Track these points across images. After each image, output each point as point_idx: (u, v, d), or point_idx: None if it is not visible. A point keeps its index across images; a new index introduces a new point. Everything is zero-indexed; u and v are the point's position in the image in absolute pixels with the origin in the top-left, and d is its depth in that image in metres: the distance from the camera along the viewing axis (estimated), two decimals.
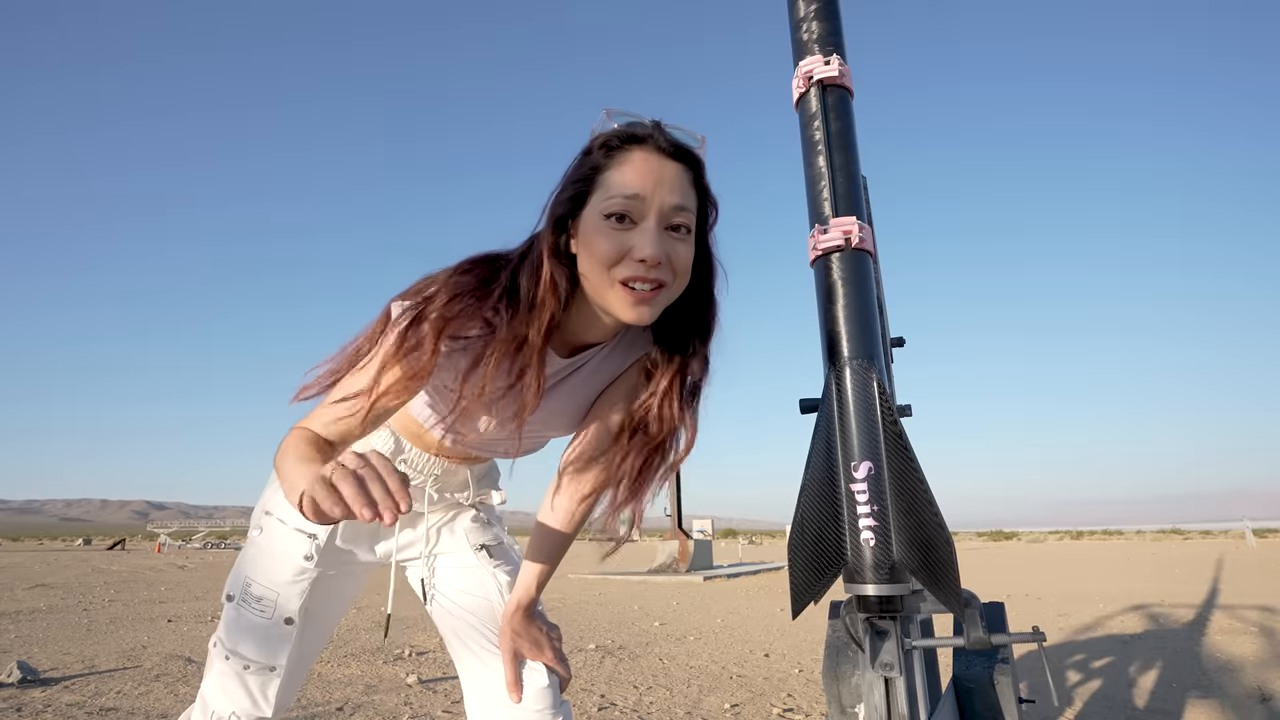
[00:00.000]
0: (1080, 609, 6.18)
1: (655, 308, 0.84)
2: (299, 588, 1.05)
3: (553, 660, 1.04)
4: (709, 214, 0.90)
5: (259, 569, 1.06)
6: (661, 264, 0.81)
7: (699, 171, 0.88)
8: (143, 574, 11.59)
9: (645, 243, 0.80)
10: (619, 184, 0.82)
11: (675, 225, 0.83)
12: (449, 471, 1.12)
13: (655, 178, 0.82)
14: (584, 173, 0.86)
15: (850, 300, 0.82)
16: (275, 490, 1.10)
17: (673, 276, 0.84)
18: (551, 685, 1.03)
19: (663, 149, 0.84)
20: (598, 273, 0.83)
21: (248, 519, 1.17)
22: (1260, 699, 2.93)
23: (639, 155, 0.84)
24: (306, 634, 1.08)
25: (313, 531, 1.06)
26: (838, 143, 0.88)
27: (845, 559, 0.75)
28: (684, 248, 0.84)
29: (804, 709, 2.90)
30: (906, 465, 0.74)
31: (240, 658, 1.04)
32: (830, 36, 0.93)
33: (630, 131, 0.85)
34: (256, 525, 1.09)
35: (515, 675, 1.01)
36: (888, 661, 0.77)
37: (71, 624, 5.45)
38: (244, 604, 1.05)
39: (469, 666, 1.08)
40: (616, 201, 0.81)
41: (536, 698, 1.01)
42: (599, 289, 0.84)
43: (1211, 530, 42.50)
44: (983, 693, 1.04)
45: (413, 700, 3.02)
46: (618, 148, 0.85)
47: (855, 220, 0.84)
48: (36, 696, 3.08)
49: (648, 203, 0.81)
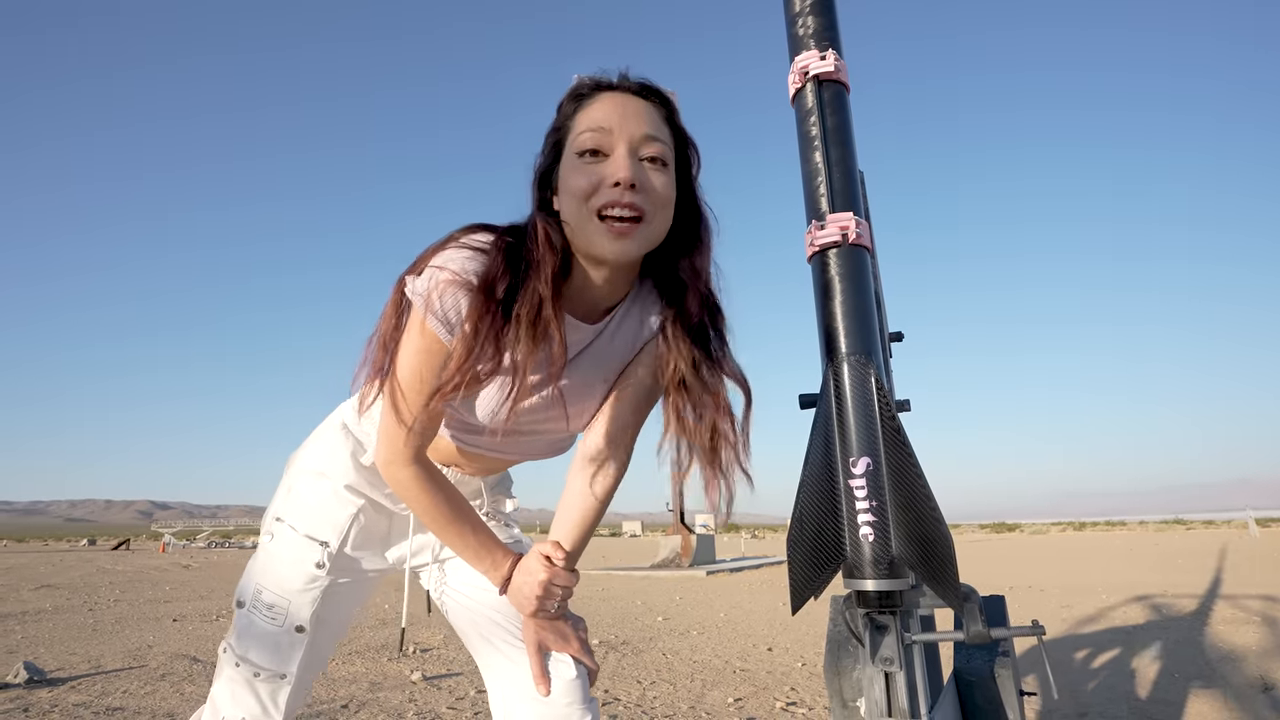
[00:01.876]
0: (1083, 600, 6.19)
1: (636, 241, 0.83)
2: (310, 595, 1.04)
3: (579, 651, 1.01)
4: (690, 157, 0.91)
5: (270, 576, 1.05)
6: (638, 190, 0.82)
7: (670, 109, 0.89)
8: (147, 574, 11.64)
9: (616, 166, 0.81)
10: (587, 120, 0.84)
11: (649, 156, 0.84)
12: (461, 483, 1.12)
13: (621, 111, 0.84)
14: (557, 123, 0.89)
15: (848, 296, 0.82)
16: (286, 496, 1.10)
17: (652, 207, 0.83)
18: (580, 677, 1.00)
19: (630, 89, 0.87)
20: (576, 208, 0.83)
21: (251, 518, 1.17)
22: (1263, 689, 2.94)
23: (606, 95, 0.86)
24: (317, 641, 1.06)
25: (325, 539, 1.05)
26: (834, 138, 0.88)
27: (844, 554, 0.75)
28: (661, 178, 0.84)
29: (807, 702, 2.91)
30: (905, 461, 0.74)
31: (251, 664, 1.03)
32: (826, 31, 0.92)
33: (597, 79, 0.89)
34: (268, 531, 1.08)
35: (541, 667, 0.98)
36: (888, 656, 0.77)
37: (77, 624, 5.47)
38: (255, 610, 1.04)
39: (493, 662, 1.05)
40: (586, 136, 0.83)
41: (565, 691, 0.98)
42: (580, 226, 0.84)
43: (1215, 520, 42.54)
44: (984, 686, 1.04)
45: (417, 697, 3.03)
46: (586, 94, 0.87)
47: (852, 216, 0.84)
48: (43, 697, 3.10)
49: (617, 134, 0.83)
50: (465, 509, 0.99)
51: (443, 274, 0.85)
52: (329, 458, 1.09)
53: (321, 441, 1.12)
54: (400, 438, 0.91)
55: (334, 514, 1.06)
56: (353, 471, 1.08)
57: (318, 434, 1.14)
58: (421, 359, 0.87)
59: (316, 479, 1.08)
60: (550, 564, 0.98)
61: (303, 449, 1.14)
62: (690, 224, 0.92)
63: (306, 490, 1.08)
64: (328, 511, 1.06)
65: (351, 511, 1.07)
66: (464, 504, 0.99)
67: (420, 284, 0.85)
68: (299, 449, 1.15)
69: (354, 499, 1.08)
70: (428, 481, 0.94)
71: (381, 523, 1.13)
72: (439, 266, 0.85)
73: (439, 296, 0.84)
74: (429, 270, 0.86)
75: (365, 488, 1.08)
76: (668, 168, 0.86)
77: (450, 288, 0.84)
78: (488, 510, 1.17)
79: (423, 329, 0.86)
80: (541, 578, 0.96)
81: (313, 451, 1.12)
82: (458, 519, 0.96)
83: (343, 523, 1.06)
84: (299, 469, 1.11)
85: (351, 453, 1.09)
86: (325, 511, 1.06)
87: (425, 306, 0.85)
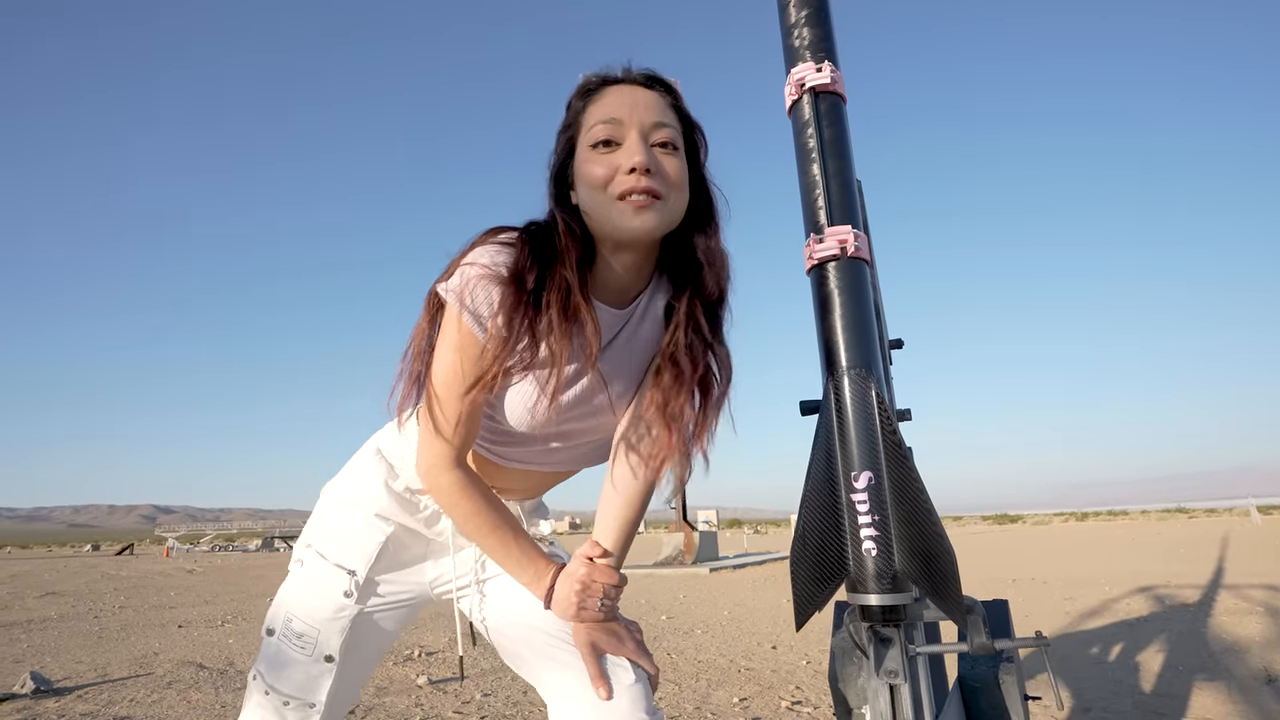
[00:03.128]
0: (1086, 592, 6.20)
1: (658, 214, 0.86)
2: (340, 624, 1.02)
3: (635, 653, 0.95)
4: (697, 140, 0.95)
5: (300, 605, 1.04)
6: (653, 173, 0.86)
7: (676, 97, 0.94)
8: (152, 579, 11.66)
9: (631, 154, 0.85)
10: (597, 114, 0.88)
11: (660, 141, 0.88)
12: None
13: (631, 102, 0.88)
14: (568, 120, 0.93)
15: (847, 309, 0.82)
16: (318, 523, 1.08)
17: (667, 188, 0.87)
18: (640, 682, 0.93)
19: (636, 80, 0.92)
20: (595, 196, 0.87)
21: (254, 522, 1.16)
22: (1266, 680, 2.95)
23: (614, 89, 0.91)
24: (346, 671, 1.04)
25: (353, 568, 1.03)
26: (831, 150, 0.88)
27: (847, 569, 0.76)
28: (673, 161, 0.88)
29: (812, 701, 2.92)
30: (906, 475, 0.74)
31: (280, 694, 1.01)
32: (822, 42, 0.92)
33: (604, 75, 0.93)
34: (298, 559, 1.07)
35: (598, 668, 0.92)
36: (892, 669, 0.77)
37: (83, 632, 5.49)
38: (285, 639, 1.02)
39: (548, 674, 0.98)
40: (598, 129, 0.87)
41: (628, 698, 0.91)
42: (601, 211, 0.87)
43: (1216, 508, 42.58)
44: (988, 692, 1.05)
45: (424, 701, 3.04)
46: (595, 89, 0.91)
47: (850, 229, 0.84)
48: (50, 707, 3.11)
49: (627, 124, 0.87)
50: (507, 516, 0.98)
51: (473, 270, 0.88)
52: (360, 485, 1.07)
53: (354, 469, 1.10)
54: (440, 441, 0.92)
55: (362, 542, 1.04)
56: (384, 498, 1.06)
57: (352, 462, 1.12)
58: (457, 355, 0.89)
59: (347, 508, 1.07)
60: (590, 563, 0.96)
61: (337, 476, 1.12)
62: (702, 205, 0.95)
63: (336, 518, 1.07)
64: (356, 539, 1.04)
65: (380, 539, 1.05)
66: (505, 511, 0.98)
67: (453, 282, 0.89)
68: (334, 477, 1.13)
69: (384, 526, 1.05)
70: (470, 487, 0.94)
71: (416, 549, 1.09)
72: (469, 263, 0.88)
73: (471, 291, 0.87)
74: (460, 269, 0.89)
75: (396, 514, 1.06)
76: (678, 151, 0.89)
77: (482, 281, 0.87)
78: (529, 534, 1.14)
79: (459, 324, 0.88)
80: (581, 574, 0.94)
81: (345, 479, 1.10)
82: (500, 526, 0.95)
83: (371, 551, 1.04)
84: (331, 497, 1.09)
85: (384, 479, 1.06)
86: (354, 539, 1.04)
87: (459, 302, 0.87)
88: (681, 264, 0.96)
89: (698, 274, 0.95)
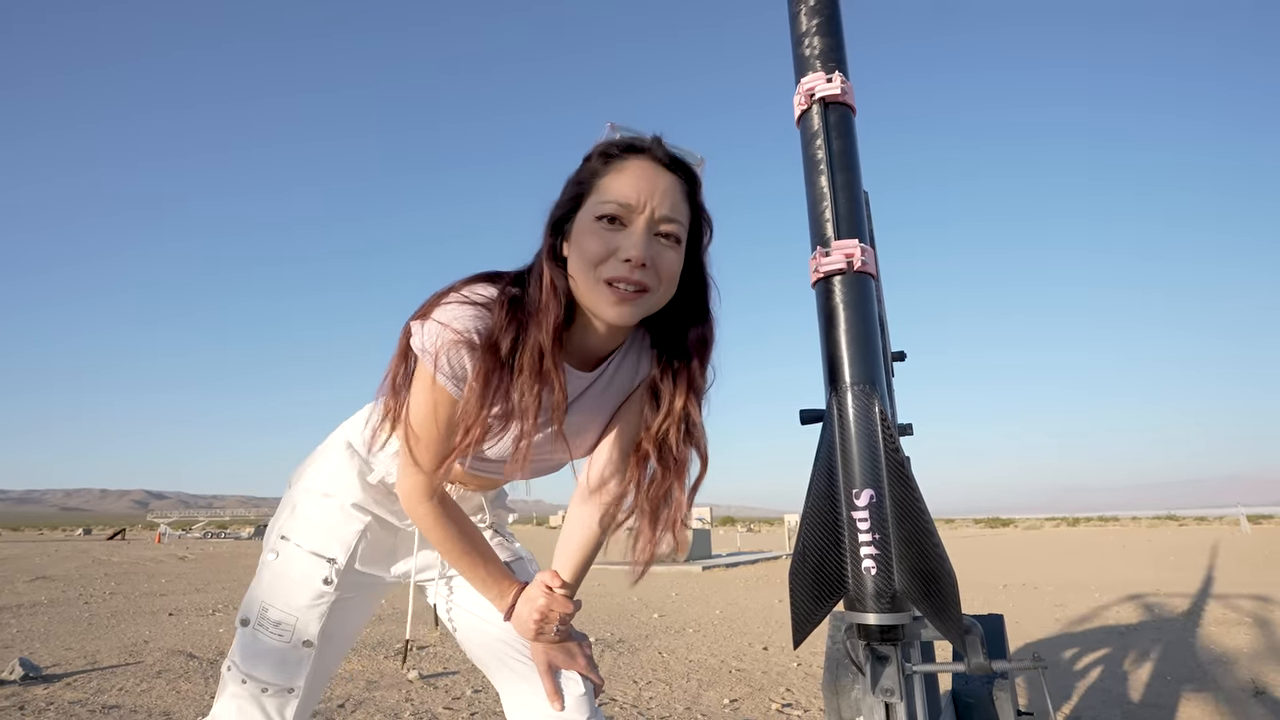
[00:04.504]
0: (1077, 599, 6.23)
1: (636, 309, 0.86)
2: (318, 611, 1.06)
3: (586, 669, 1.06)
4: (703, 230, 0.94)
5: (276, 594, 1.06)
6: (647, 267, 0.85)
7: (694, 186, 0.91)
8: (143, 565, 11.64)
9: (631, 244, 0.84)
10: (613, 189, 0.86)
11: (664, 233, 0.87)
12: (463, 498, 1.15)
13: (649, 186, 0.86)
14: (582, 177, 0.90)
15: (852, 324, 0.82)
16: (291, 514, 1.11)
17: (658, 282, 0.87)
18: (588, 693, 1.05)
19: (660, 160, 0.89)
20: (585, 271, 0.86)
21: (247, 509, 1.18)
22: (1254, 692, 2.96)
23: (635, 164, 0.88)
24: (324, 655, 1.08)
25: (332, 556, 1.07)
26: (840, 162, 0.88)
27: (846, 587, 0.75)
28: (671, 255, 0.87)
29: (802, 704, 2.92)
30: (908, 494, 0.74)
31: (258, 681, 1.05)
32: (832, 52, 0.92)
33: (630, 141, 0.90)
34: (271, 550, 1.09)
35: (554, 685, 1.03)
36: (888, 687, 0.77)
37: (73, 618, 5.47)
38: (260, 628, 1.05)
39: (505, 680, 1.09)
40: (610, 205, 0.85)
41: (575, 706, 1.03)
42: (586, 288, 0.87)
43: (1207, 517, 42.81)
44: (981, 708, 1.05)
45: (414, 696, 3.04)
46: (616, 156, 0.89)
47: (858, 243, 0.83)
48: (39, 694, 3.10)
49: (638, 208, 0.85)
50: (478, 541, 1.04)
51: (447, 333, 0.88)
52: (335, 478, 1.11)
53: (326, 461, 1.13)
54: (418, 474, 0.96)
55: (341, 531, 1.08)
56: (359, 490, 1.10)
57: (321, 454, 1.15)
58: (431, 409, 0.92)
59: (322, 499, 1.10)
60: (550, 592, 1.03)
61: (306, 468, 1.15)
62: (697, 294, 0.95)
63: (312, 509, 1.10)
64: (335, 528, 1.08)
65: (359, 528, 1.09)
66: (477, 536, 1.04)
67: (427, 341, 0.89)
68: (301, 467, 1.16)
69: (361, 516, 1.10)
70: (444, 516, 0.99)
71: (388, 539, 1.15)
72: (443, 324, 0.88)
73: (445, 356, 0.88)
74: (433, 325, 0.89)
75: (372, 505, 1.11)
76: (680, 244, 0.89)
77: (455, 347, 0.88)
78: (491, 523, 1.20)
79: (432, 385, 0.91)
80: (540, 604, 1.01)
81: (317, 471, 1.13)
82: (470, 551, 1.02)
83: (350, 539, 1.08)
84: (304, 488, 1.12)
85: (358, 472, 1.10)
86: (333, 528, 1.08)
87: (433, 365, 0.89)
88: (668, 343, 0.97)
89: (688, 364, 0.96)
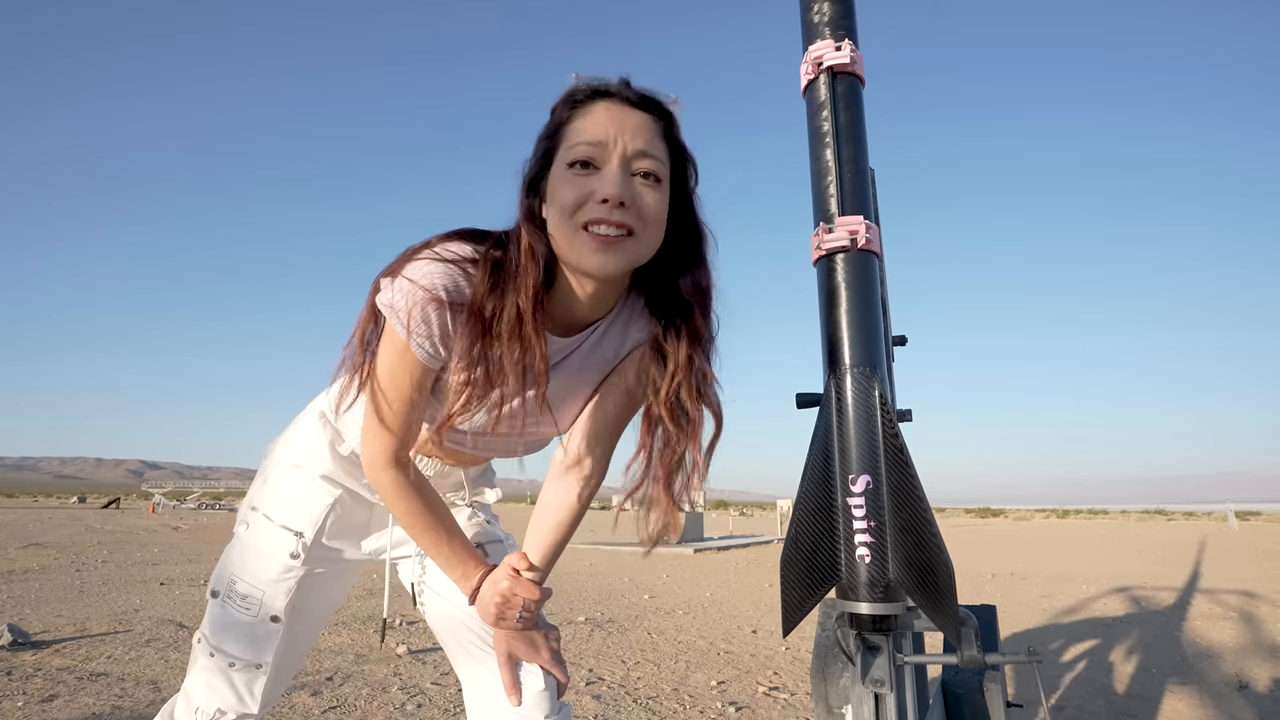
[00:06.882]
0: (1064, 590, 6.27)
1: (621, 255, 0.80)
2: (285, 586, 1.03)
3: (549, 663, 1.01)
4: (687, 171, 0.87)
5: (244, 566, 1.04)
6: (627, 207, 0.79)
7: (669, 123, 0.85)
8: (136, 534, 11.66)
9: (606, 183, 0.78)
10: (581, 131, 0.81)
11: (642, 170, 0.80)
12: (442, 474, 1.11)
13: (618, 124, 0.80)
14: (550, 129, 0.85)
15: (854, 304, 0.79)
16: (262, 485, 1.08)
17: (641, 224, 0.80)
18: (548, 689, 1.00)
19: (628, 99, 0.83)
20: (562, 222, 0.80)
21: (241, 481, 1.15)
22: (1238, 686, 2.98)
23: (602, 105, 0.82)
24: (294, 631, 1.06)
25: (300, 530, 1.04)
26: (847, 135, 0.84)
27: (839, 575, 0.73)
28: (652, 195, 0.81)
29: (789, 687, 2.94)
30: (906, 481, 0.71)
31: (226, 655, 1.03)
32: (842, 20, 0.87)
33: (594, 85, 0.84)
34: (243, 521, 1.07)
35: (512, 678, 0.99)
36: (879, 678, 0.75)
37: (64, 585, 5.47)
38: (229, 601, 1.03)
39: (465, 668, 1.06)
40: (579, 148, 0.80)
41: (533, 702, 0.99)
42: (565, 240, 0.81)
43: (1195, 512, 43.17)
44: (971, 700, 1.03)
45: (402, 671, 3.04)
46: (582, 101, 0.83)
47: (862, 219, 0.80)
48: (27, 660, 3.09)
49: (610, 148, 0.79)
50: (443, 515, 0.98)
51: (418, 291, 0.83)
52: (306, 448, 1.08)
53: (299, 432, 1.10)
54: (384, 435, 0.91)
55: (310, 504, 1.05)
56: (330, 461, 1.06)
57: (296, 424, 1.12)
58: (399, 368, 0.88)
59: (293, 470, 1.07)
60: (516, 576, 0.97)
61: (280, 439, 1.12)
62: (689, 240, 0.88)
63: (283, 480, 1.07)
64: (303, 502, 1.05)
65: (328, 502, 1.06)
66: (442, 510, 0.98)
67: (396, 299, 0.84)
68: (277, 438, 1.13)
69: (331, 489, 1.06)
70: (406, 486, 0.94)
71: (361, 513, 1.12)
72: (413, 281, 0.83)
73: (412, 314, 0.83)
74: (403, 283, 0.83)
75: (343, 478, 1.07)
76: (661, 184, 0.82)
77: (423, 305, 0.83)
78: (470, 501, 1.16)
79: (400, 345, 0.85)
80: (503, 588, 0.96)
81: (290, 442, 1.10)
82: (434, 526, 0.96)
83: (318, 513, 1.05)
84: (276, 459, 1.09)
85: (330, 442, 1.07)
86: (301, 502, 1.05)
87: (402, 325, 0.84)
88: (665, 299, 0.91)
89: (688, 315, 0.89)
